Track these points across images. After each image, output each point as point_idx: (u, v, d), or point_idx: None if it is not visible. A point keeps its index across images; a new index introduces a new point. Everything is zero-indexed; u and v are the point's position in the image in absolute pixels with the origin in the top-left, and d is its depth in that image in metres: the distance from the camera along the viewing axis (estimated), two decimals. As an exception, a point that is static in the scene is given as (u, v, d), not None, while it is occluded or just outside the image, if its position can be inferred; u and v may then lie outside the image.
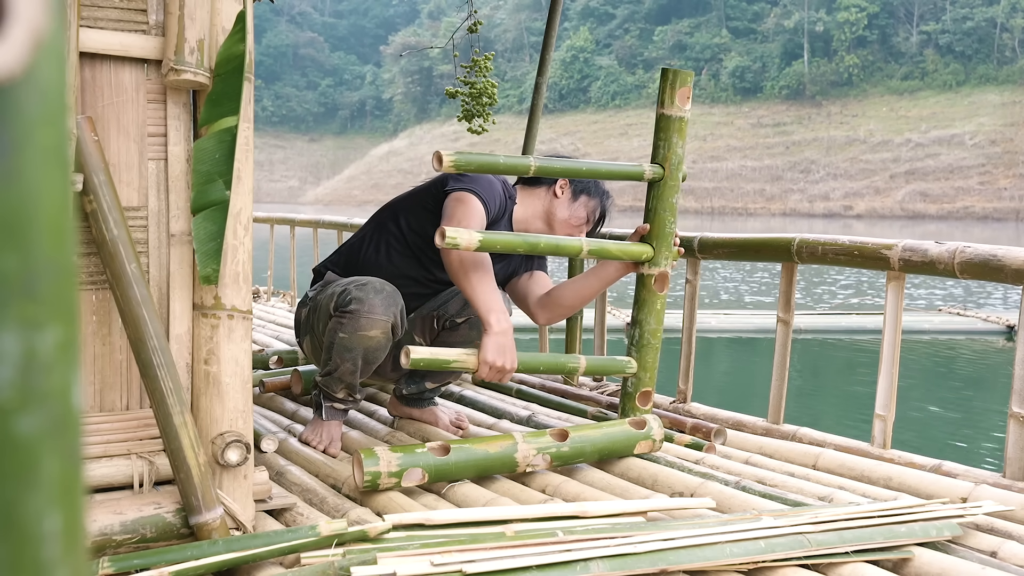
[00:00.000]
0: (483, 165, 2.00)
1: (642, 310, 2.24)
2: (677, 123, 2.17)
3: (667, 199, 2.19)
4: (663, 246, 2.20)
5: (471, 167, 1.98)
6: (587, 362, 2.18)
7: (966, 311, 8.50)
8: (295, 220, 5.38)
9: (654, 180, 2.19)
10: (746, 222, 44.37)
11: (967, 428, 4.91)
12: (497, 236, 1.97)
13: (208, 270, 1.45)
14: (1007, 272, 1.96)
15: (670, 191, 2.19)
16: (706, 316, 7.69)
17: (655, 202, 2.21)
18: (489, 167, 2.02)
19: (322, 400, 2.22)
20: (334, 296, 2.15)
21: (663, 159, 2.18)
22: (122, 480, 1.52)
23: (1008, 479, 1.96)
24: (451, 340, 2.27)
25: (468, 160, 1.96)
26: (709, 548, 1.43)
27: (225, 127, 1.46)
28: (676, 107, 2.16)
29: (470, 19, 4.08)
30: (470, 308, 2.23)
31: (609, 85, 69.58)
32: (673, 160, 2.17)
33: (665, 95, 2.17)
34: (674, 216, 2.21)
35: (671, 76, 2.17)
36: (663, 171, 2.17)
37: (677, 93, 2.15)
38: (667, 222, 2.19)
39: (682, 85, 2.16)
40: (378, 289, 2.09)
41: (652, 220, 2.21)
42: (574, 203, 2.34)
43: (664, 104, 2.17)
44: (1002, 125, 52.11)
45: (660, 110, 2.18)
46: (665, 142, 2.17)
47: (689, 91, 2.17)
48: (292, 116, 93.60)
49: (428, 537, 1.50)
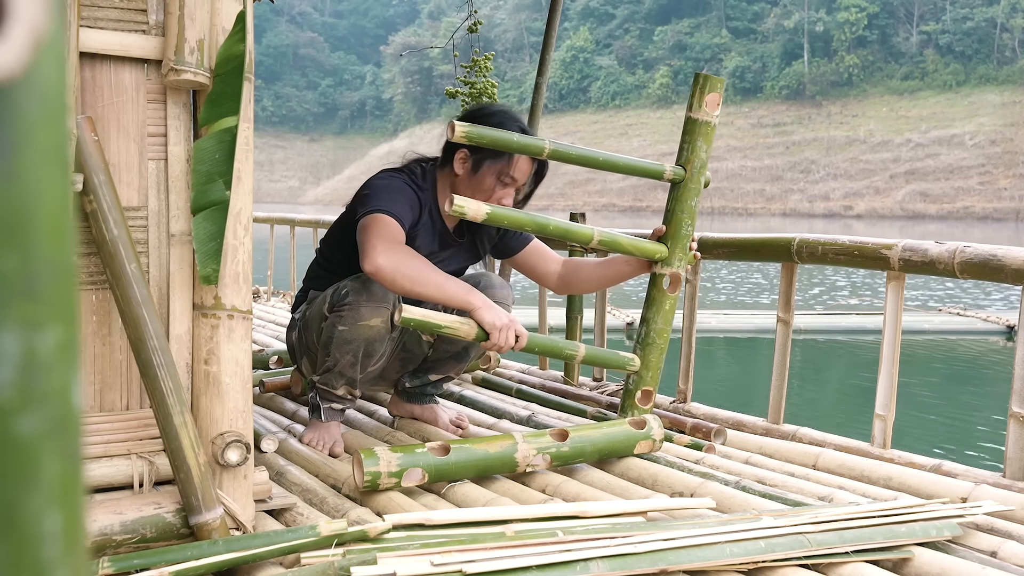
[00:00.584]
0: (495, 140, 2.00)
1: (651, 309, 2.25)
2: (703, 127, 2.18)
3: (686, 201, 2.20)
4: (678, 247, 2.21)
5: (483, 140, 1.98)
6: (587, 351, 2.18)
7: (966, 311, 8.50)
8: (295, 220, 5.38)
9: (675, 181, 2.20)
10: (746, 222, 44.38)
11: (967, 428, 4.91)
12: (504, 212, 1.98)
13: (208, 270, 1.45)
14: (1007, 272, 1.96)
15: (690, 194, 2.20)
16: (706, 316, 7.69)
17: (674, 203, 2.22)
18: (502, 144, 2.01)
19: (319, 402, 2.22)
20: (326, 299, 2.16)
21: (686, 161, 2.20)
22: (122, 480, 1.52)
23: (1008, 479, 1.96)
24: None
25: (480, 133, 1.96)
26: (709, 548, 1.43)
27: (225, 127, 1.46)
28: (704, 111, 2.17)
29: (470, 19, 4.08)
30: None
31: (609, 85, 69.60)
32: (696, 163, 2.19)
33: (695, 99, 2.18)
34: (692, 219, 2.22)
35: (701, 80, 2.18)
36: (684, 173, 2.18)
37: (707, 98, 2.16)
38: (684, 224, 2.21)
39: (712, 90, 2.17)
40: (373, 279, 2.10)
41: (669, 221, 2.22)
42: (476, 174, 2.16)
43: (693, 108, 2.19)
44: (1002, 125, 52.12)
45: (688, 113, 2.20)
46: (690, 145, 2.19)
47: (719, 97, 2.18)
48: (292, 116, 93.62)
49: (428, 537, 1.50)
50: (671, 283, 2.22)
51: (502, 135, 2.00)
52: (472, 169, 2.16)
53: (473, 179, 2.16)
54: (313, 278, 2.38)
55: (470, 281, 2.27)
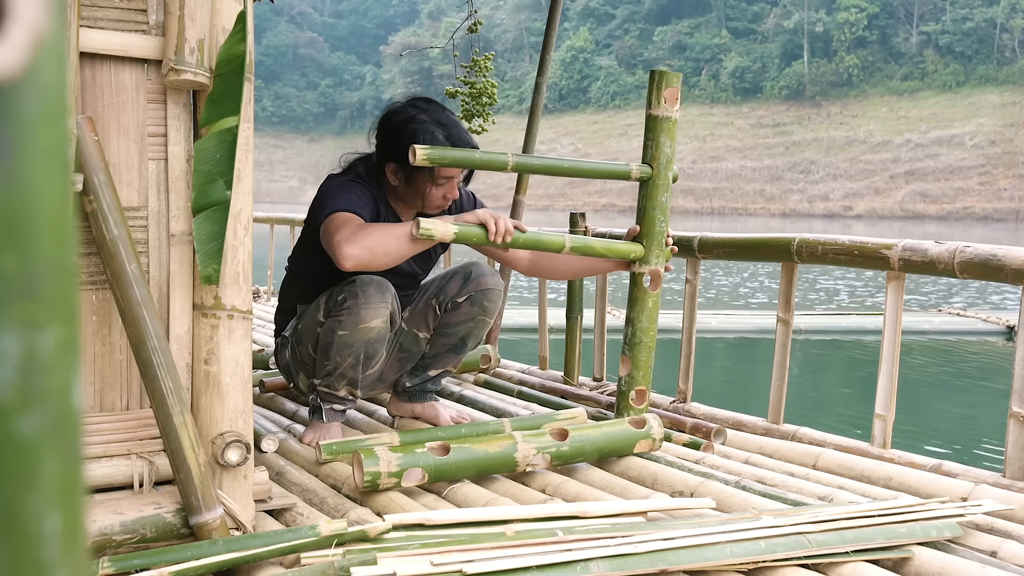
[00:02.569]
0: (457, 160, 2.01)
1: (634, 308, 2.26)
2: (665, 123, 2.20)
3: (656, 198, 2.22)
4: (654, 244, 2.22)
5: (445, 162, 1.98)
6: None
7: (966, 311, 8.50)
8: (295, 220, 5.38)
9: (643, 180, 2.21)
10: (746, 222, 44.39)
11: (967, 428, 4.91)
12: (471, 230, 1.98)
13: (209, 270, 1.46)
14: (1007, 272, 1.96)
15: (659, 190, 2.21)
16: (706, 316, 7.70)
17: (645, 201, 2.24)
18: (464, 163, 2.03)
19: (321, 403, 2.22)
20: (320, 307, 2.17)
21: (652, 159, 2.21)
22: (122, 480, 1.52)
23: (1008, 479, 1.96)
24: (455, 320, 2.31)
25: (442, 155, 1.97)
26: (709, 548, 1.43)
27: (226, 127, 1.46)
28: (664, 107, 2.19)
29: (470, 19, 4.08)
30: (470, 286, 2.27)
31: (609, 85, 69.59)
32: (662, 160, 2.20)
33: (653, 96, 2.20)
34: (665, 215, 2.23)
35: (658, 77, 2.20)
36: (652, 171, 2.19)
37: (664, 94, 2.18)
38: (657, 221, 2.22)
39: (669, 86, 2.19)
40: (368, 280, 2.10)
41: (642, 219, 2.23)
42: (410, 185, 2.18)
43: (652, 105, 2.20)
44: (1002, 125, 52.12)
45: (648, 111, 2.22)
46: (653, 142, 2.20)
47: (677, 92, 2.20)
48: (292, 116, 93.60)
49: (428, 537, 1.50)
50: (651, 281, 2.23)
51: (464, 155, 2.01)
52: (405, 180, 2.18)
53: (410, 188, 2.19)
54: (289, 295, 2.38)
55: (461, 270, 2.31)
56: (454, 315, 2.30)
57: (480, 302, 2.28)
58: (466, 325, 2.31)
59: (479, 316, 2.30)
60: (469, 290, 2.28)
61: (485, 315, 2.30)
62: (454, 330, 2.32)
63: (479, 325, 2.32)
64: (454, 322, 2.31)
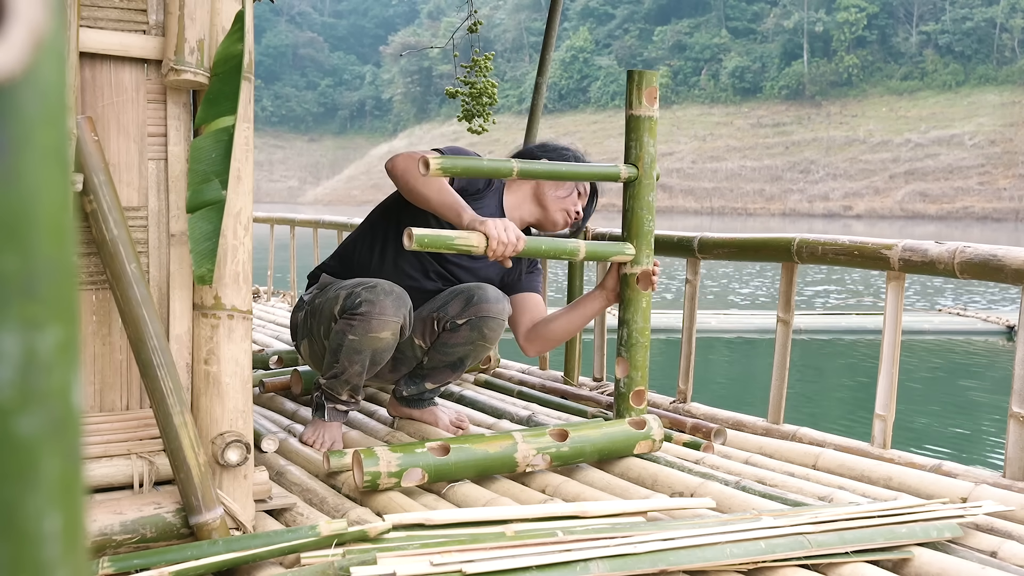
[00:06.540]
0: (468, 169, 2.02)
1: (628, 310, 2.26)
2: (647, 122, 2.21)
3: (643, 198, 2.23)
4: (643, 245, 2.22)
5: (456, 171, 1.99)
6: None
7: (966, 311, 8.50)
8: (295, 220, 5.38)
9: (629, 180, 2.22)
10: (746, 222, 44.38)
11: (967, 428, 4.91)
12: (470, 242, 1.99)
13: (203, 270, 1.45)
14: (1007, 272, 1.96)
15: (645, 190, 2.23)
16: (706, 316, 7.70)
17: (632, 202, 2.24)
18: (473, 171, 2.04)
19: (324, 401, 2.22)
20: (339, 299, 2.14)
21: (636, 159, 2.22)
22: (122, 480, 1.52)
23: (1008, 479, 1.96)
24: (452, 341, 2.26)
25: (454, 164, 1.98)
26: (709, 548, 1.43)
27: (222, 126, 1.46)
28: (644, 107, 2.20)
29: (470, 19, 4.08)
30: (471, 309, 2.22)
31: (609, 85, 69.57)
32: (646, 159, 2.21)
33: (633, 96, 2.21)
34: (651, 214, 2.24)
35: (637, 77, 2.22)
36: (637, 171, 2.20)
37: (644, 93, 2.20)
38: (645, 220, 2.23)
39: (648, 85, 2.20)
40: (387, 291, 2.09)
41: (630, 219, 2.24)
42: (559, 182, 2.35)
43: (632, 105, 2.21)
44: (1002, 125, 52.12)
45: (630, 111, 2.23)
46: (637, 142, 2.21)
47: (655, 91, 2.22)
48: (292, 116, 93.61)
49: (428, 537, 1.50)
50: (642, 281, 2.24)
51: (473, 163, 2.02)
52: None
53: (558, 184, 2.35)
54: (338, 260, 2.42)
55: (466, 291, 2.27)
56: (453, 336, 2.25)
57: (480, 328, 2.22)
58: (464, 348, 2.26)
59: (478, 342, 2.25)
60: (470, 314, 2.22)
61: (485, 342, 2.26)
62: (452, 350, 2.28)
63: (478, 349, 2.28)
64: (452, 343, 2.26)
